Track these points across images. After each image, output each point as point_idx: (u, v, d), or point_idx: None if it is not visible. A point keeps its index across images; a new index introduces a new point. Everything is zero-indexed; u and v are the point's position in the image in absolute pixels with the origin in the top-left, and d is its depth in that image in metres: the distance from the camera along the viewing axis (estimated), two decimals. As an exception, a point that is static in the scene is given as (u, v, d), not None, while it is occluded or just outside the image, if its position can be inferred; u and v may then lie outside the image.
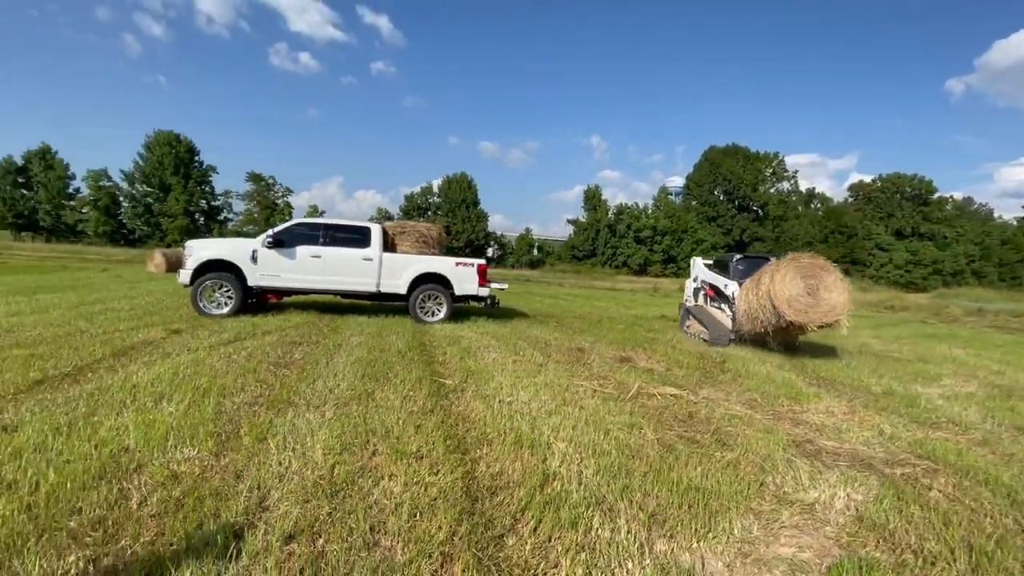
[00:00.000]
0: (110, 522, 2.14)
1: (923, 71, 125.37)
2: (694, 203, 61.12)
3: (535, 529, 2.34)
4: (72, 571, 1.83)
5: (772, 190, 61.04)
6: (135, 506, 2.28)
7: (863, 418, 4.69)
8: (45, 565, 1.84)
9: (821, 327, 7.55)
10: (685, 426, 4.06)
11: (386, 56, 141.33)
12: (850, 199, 65.58)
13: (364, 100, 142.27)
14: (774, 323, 7.72)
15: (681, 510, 2.62)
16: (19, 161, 47.64)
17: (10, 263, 20.06)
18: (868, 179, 65.31)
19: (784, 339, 8.44)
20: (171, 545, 2.01)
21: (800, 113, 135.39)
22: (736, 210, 60.65)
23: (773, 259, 8.55)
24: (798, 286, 7.51)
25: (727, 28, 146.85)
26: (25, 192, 47.99)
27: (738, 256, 9.91)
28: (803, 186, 64.26)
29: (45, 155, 48.19)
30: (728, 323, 8.91)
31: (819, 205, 63.40)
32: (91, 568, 1.86)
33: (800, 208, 62.19)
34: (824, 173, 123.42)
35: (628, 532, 2.36)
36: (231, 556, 1.96)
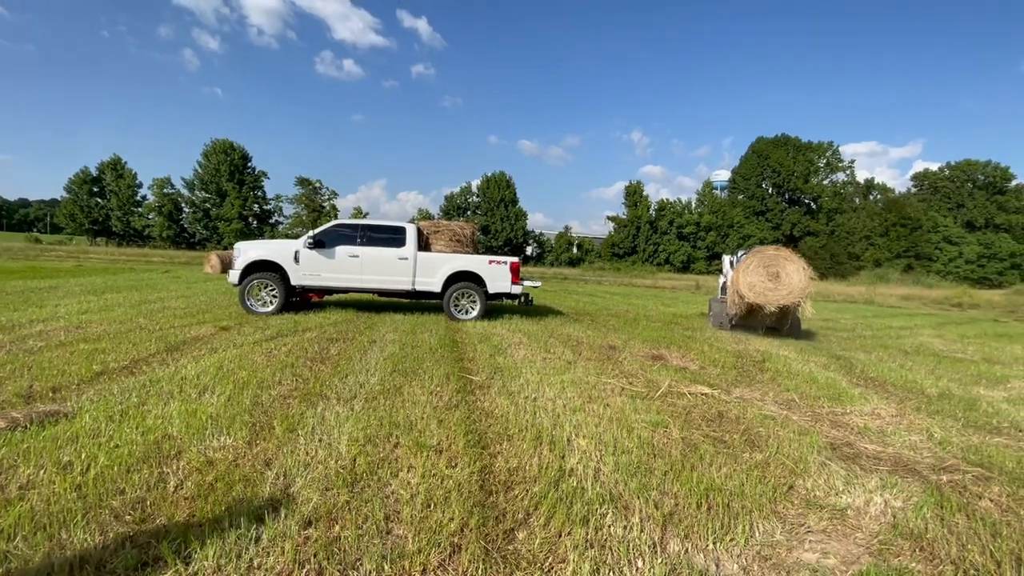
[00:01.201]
0: (148, 503, 2.31)
1: (997, 49, 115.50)
2: (740, 197, 58.86)
3: (546, 524, 2.34)
4: (112, 546, 1.99)
5: (826, 181, 57.94)
6: (171, 489, 2.45)
7: (912, 421, 4.40)
8: (88, 539, 2.01)
9: (781, 308, 8.60)
10: (713, 426, 3.95)
11: (425, 58, 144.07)
12: (914, 189, 61.39)
13: (405, 103, 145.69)
14: (742, 306, 9.02)
15: (699, 511, 2.55)
16: (94, 172, 51.69)
17: (86, 266, 21.78)
18: (935, 167, 60.97)
19: (766, 323, 9.42)
20: (200, 526, 2.14)
21: (858, 99, 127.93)
22: (786, 204, 58.02)
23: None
24: (759, 273, 8.82)
25: (776, 12, 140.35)
26: (100, 200, 52.03)
27: (741, 252, 10.44)
28: (861, 176, 60.63)
29: (116, 165, 52.07)
30: (728, 310, 9.83)
31: (879, 196, 59.60)
32: (127, 544, 2.01)
33: (857, 200, 58.69)
34: (885, 162, 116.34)
35: (641, 530, 2.32)
36: (253, 538, 2.08)
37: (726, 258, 11.50)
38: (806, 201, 58.02)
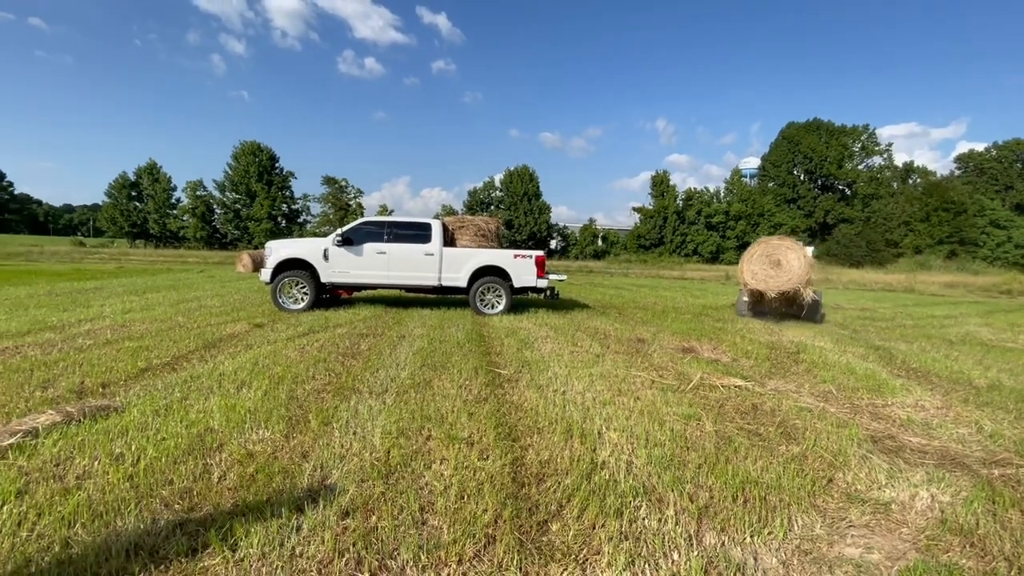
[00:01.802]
0: (195, 492, 2.41)
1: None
2: (771, 184, 57.16)
3: (579, 516, 2.34)
4: (163, 533, 2.09)
5: (861, 166, 55.72)
6: (216, 480, 2.54)
7: (959, 413, 4.22)
8: (141, 526, 2.11)
9: (782, 294, 9.13)
10: (748, 418, 3.87)
11: (445, 54, 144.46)
12: (957, 172, 58.46)
13: (427, 99, 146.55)
14: (748, 293, 9.83)
15: (736, 504, 2.51)
16: (132, 177, 53.76)
17: (127, 267, 22.74)
18: (980, 148, 57.93)
19: (779, 309, 9.93)
20: (243, 516, 2.22)
21: (895, 79, 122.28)
22: (819, 190, 56.09)
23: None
24: (762, 262, 9.56)
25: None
26: (138, 204, 54.06)
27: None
28: (899, 160, 58.13)
29: (152, 170, 53.98)
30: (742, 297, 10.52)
31: (919, 180, 56.99)
32: (177, 531, 2.10)
33: (895, 184, 56.26)
34: (926, 144, 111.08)
35: (676, 523, 2.30)
36: (294, 527, 2.14)
37: None
38: (840, 187, 55.96)
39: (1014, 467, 3.09)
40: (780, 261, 9.35)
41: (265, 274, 8.74)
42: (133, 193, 54.02)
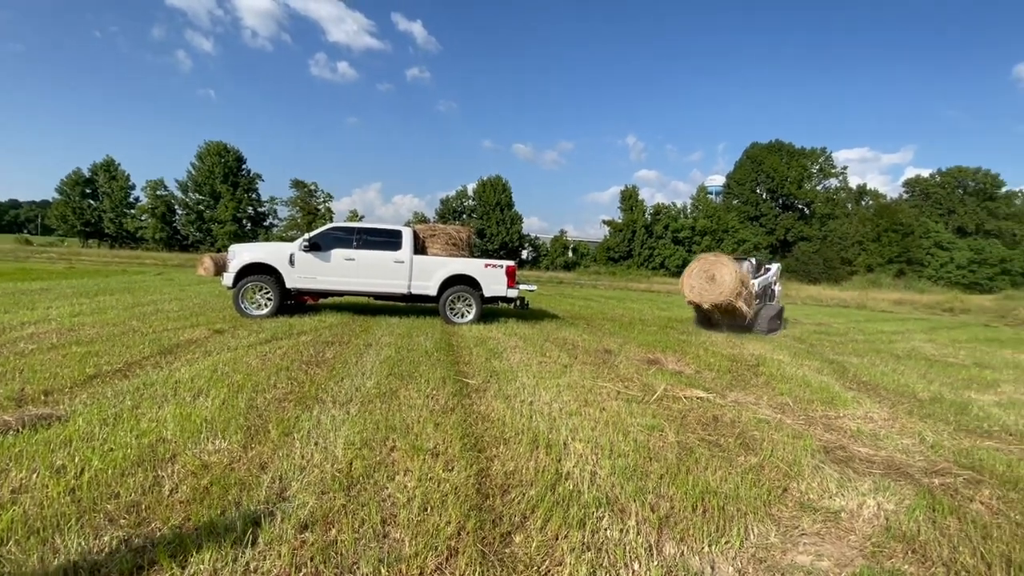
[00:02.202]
0: (143, 506, 2.30)
1: (987, 56, 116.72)
2: (735, 202, 59.16)
3: (542, 527, 2.35)
4: (106, 550, 1.98)
5: (819, 187, 58.32)
6: (167, 492, 2.43)
7: (905, 425, 4.44)
8: (83, 543, 2.00)
9: (716, 305, 9.88)
10: (709, 430, 3.97)
11: (420, 62, 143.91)
12: (905, 195, 61.93)
13: (400, 106, 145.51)
14: (692, 304, 10.49)
15: (695, 513, 2.57)
16: (87, 173, 51.29)
17: (78, 268, 21.61)
18: (926, 173, 61.57)
19: (721, 320, 10.60)
20: (195, 530, 2.13)
21: (850, 106, 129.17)
22: (780, 209, 58.36)
23: (750, 260, 11.37)
24: (700, 277, 10.21)
25: (769, 18, 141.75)
26: (92, 202, 51.56)
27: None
28: (853, 182, 61.11)
29: (109, 167, 51.65)
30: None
31: (871, 202, 60.10)
32: (123, 547, 2.00)
33: (850, 206, 59.15)
34: (877, 168, 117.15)
35: (637, 533, 2.33)
36: (248, 542, 2.07)
37: None
38: (799, 206, 58.39)
39: (952, 476, 3.28)
40: (714, 276, 9.97)
41: (227, 278, 8.47)
42: (87, 190, 51.60)
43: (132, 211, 51.83)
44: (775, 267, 12.57)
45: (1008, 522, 2.69)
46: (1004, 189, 57.03)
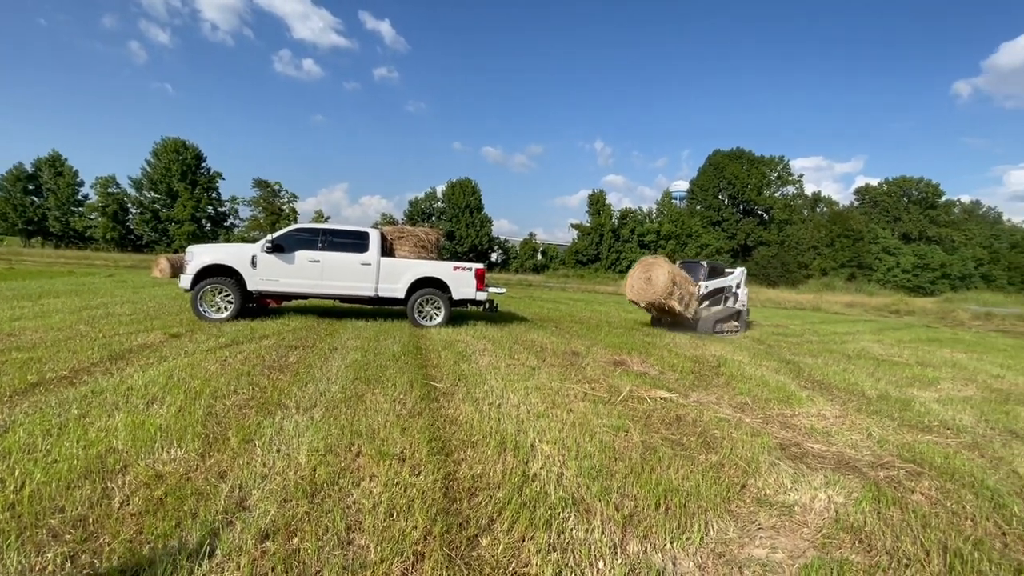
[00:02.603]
0: (91, 520, 2.19)
1: (929, 73, 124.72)
2: (698, 207, 60.93)
3: (509, 529, 2.36)
4: (49, 567, 1.88)
5: (777, 194, 60.74)
6: (117, 505, 2.33)
7: (854, 422, 4.67)
8: (24, 561, 1.89)
9: (650, 303, 10.64)
10: (672, 429, 4.07)
11: (388, 62, 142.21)
12: (856, 203, 65.23)
13: (368, 106, 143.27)
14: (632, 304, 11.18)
15: (658, 511, 2.63)
16: (29, 168, 48.32)
17: (18, 268, 20.33)
18: (874, 182, 65.02)
19: (665, 320, 11.49)
20: (148, 543, 2.05)
21: (806, 116, 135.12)
22: (741, 214, 60.43)
23: (703, 264, 11.87)
24: (640, 277, 10.90)
25: (731, 31, 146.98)
26: (35, 199, 48.58)
27: (678, 263, 12.23)
28: (809, 190, 63.94)
29: (55, 162, 48.84)
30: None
31: (825, 209, 63.02)
32: (68, 565, 1.90)
33: (806, 212, 61.85)
34: (830, 177, 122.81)
35: (602, 532, 2.38)
36: (205, 554, 2.00)
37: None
38: (759, 212, 60.62)
39: (896, 469, 3.47)
40: (651, 277, 10.61)
41: (185, 280, 8.14)
42: (30, 187, 48.60)
43: (80, 209, 49.14)
44: (738, 271, 12.95)
45: (945, 511, 2.87)
46: (944, 198, 60.84)
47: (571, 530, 2.39)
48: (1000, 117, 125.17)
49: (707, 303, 11.71)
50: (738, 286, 12.65)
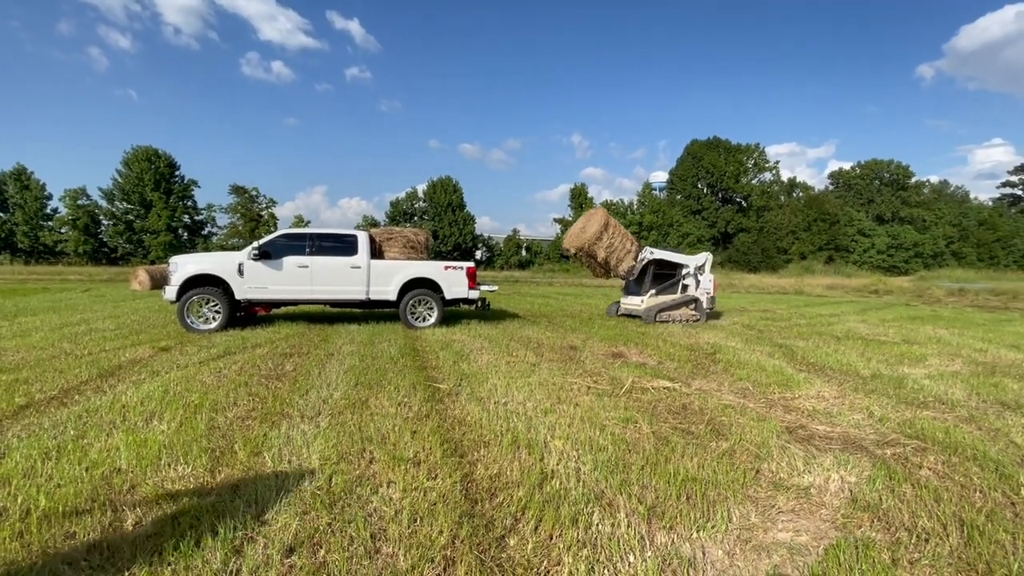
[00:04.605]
0: (106, 545, 2.11)
1: (893, 58, 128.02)
2: (679, 197, 61.60)
3: (536, 528, 2.35)
4: (69, 596, 1.81)
5: (755, 181, 61.75)
6: (130, 527, 2.25)
7: (853, 401, 4.76)
8: (40, 592, 1.81)
9: (578, 249, 10.95)
10: (679, 418, 4.10)
11: (360, 61, 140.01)
12: (831, 187, 66.63)
13: (341, 107, 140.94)
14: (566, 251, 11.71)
15: (679, 501, 2.64)
16: (-7, 183, 46.66)
17: (-12, 287, 19.61)
18: (847, 166, 66.49)
19: (592, 269, 11.72)
20: (169, 565, 1.98)
21: (777, 104, 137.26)
22: (720, 202, 61.29)
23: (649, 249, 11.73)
24: (578, 227, 11.44)
25: (702, 21, 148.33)
26: (1, 214, 47.01)
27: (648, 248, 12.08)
28: (784, 176, 65.13)
29: (20, 175, 47.24)
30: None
31: (801, 194, 64.26)
32: (88, 592, 1.83)
33: (783, 198, 62.98)
34: (804, 162, 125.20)
35: (628, 526, 2.38)
36: (232, 572, 1.95)
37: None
38: (738, 200, 61.57)
39: (901, 446, 3.54)
40: (585, 226, 11.15)
41: (170, 292, 7.94)
42: (-6, 202, 46.93)
43: (50, 223, 47.63)
44: (700, 256, 12.02)
45: (954, 484, 2.94)
46: (914, 179, 62.52)
47: (597, 525, 2.39)
48: (963, 98, 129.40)
49: (654, 290, 11.26)
50: (699, 270, 11.77)
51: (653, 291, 11.34)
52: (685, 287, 11.76)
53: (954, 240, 59.42)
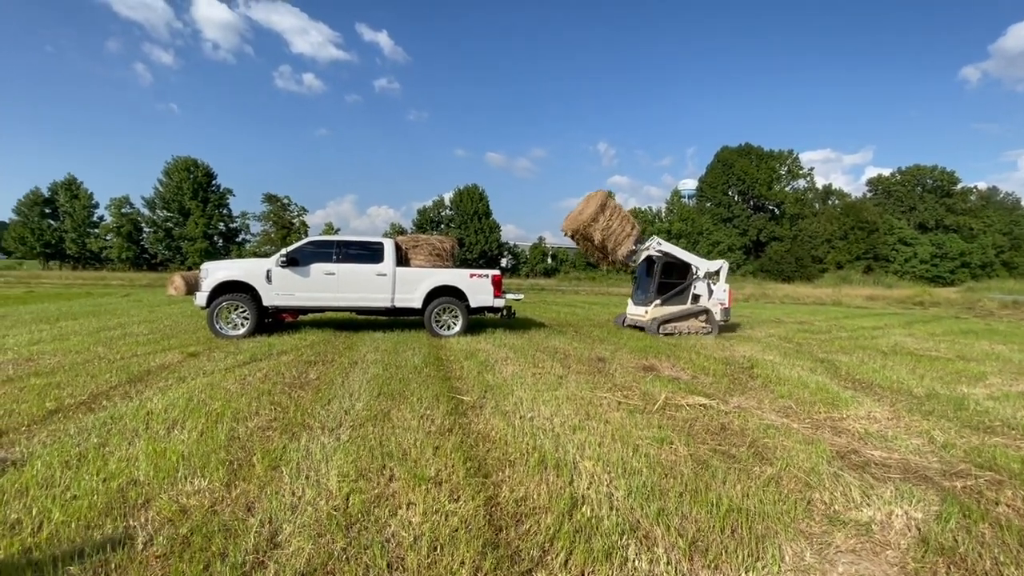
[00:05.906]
0: (113, 566, 2.02)
1: (935, 60, 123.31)
2: (708, 205, 60.33)
3: (566, 562, 2.15)
4: (69, 623, 1.70)
5: (788, 188, 59.93)
6: (140, 546, 2.15)
7: (909, 424, 4.39)
8: (41, 618, 1.72)
9: (575, 231, 10.44)
10: (718, 439, 3.83)
11: (388, 72, 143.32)
12: (869, 194, 64.15)
13: (370, 117, 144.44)
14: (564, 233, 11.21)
15: (724, 535, 2.40)
16: (46, 193, 49.19)
17: (37, 292, 20.55)
18: (886, 172, 63.93)
19: (588, 254, 11.42)
20: (175, 591, 1.87)
21: (811, 109, 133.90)
22: (752, 210, 59.72)
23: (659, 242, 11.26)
24: (577, 208, 10.89)
25: (732, 26, 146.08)
26: (52, 222, 49.43)
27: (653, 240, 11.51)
28: (819, 183, 63.05)
29: (71, 186, 49.68)
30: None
31: (837, 201, 62.04)
32: (89, 620, 1.72)
33: (817, 205, 60.93)
34: (839, 169, 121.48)
35: (668, 563, 2.15)
36: (238, 602, 1.82)
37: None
38: (770, 207, 59.86)
39: (973, 478, 3.19)
40: (583, 209, 10.69)
41: (201, 298, 8.05)
42: (47, 210, 49.45)
43: (96, 231, 49.86)
44: (715, 263, 11.24)
45: (1040, 525, 2.60)
46: (960, 185, 59.60)
47: (633, 561, 2.17)
48: (1011, 100, 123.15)
49: (659, 300, 10.56)
50: (713, 278, 11.09)
51: (659, 300, 10.57)
52: (696, 296, 10.90)
53: (1005, 249, 56.27)
